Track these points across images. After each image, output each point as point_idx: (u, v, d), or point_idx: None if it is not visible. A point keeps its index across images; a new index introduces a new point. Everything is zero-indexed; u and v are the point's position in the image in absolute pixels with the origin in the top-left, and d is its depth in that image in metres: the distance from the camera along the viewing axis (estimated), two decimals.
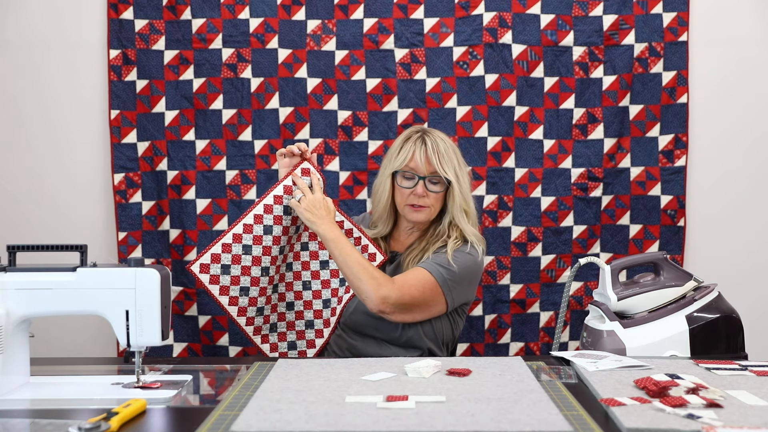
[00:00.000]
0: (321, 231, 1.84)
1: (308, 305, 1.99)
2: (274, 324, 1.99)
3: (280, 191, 1.89)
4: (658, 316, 1.74)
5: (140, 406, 1.26)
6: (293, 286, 2.00)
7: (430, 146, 1.92)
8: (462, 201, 1.93)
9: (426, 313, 1.88)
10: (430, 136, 1.94)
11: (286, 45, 2.53)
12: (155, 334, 1.44)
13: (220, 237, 1.88)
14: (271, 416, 1.18)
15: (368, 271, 1.81)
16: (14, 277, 1.42)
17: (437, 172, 1.90)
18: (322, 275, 1.98)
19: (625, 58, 2.54)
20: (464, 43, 2.54)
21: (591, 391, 1.37)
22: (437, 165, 1.90)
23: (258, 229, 1.86)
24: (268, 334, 1.98)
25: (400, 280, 1.84)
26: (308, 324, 1.99)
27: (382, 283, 1.80)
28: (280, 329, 2.00)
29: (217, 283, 1.88)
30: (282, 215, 1.88)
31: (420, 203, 1.92)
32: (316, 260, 1.99)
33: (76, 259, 1.48)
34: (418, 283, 1.84)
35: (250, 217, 1.87)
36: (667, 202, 2.55)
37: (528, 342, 2.58)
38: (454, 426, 1.12)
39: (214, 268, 1.87)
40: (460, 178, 1.93)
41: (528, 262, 2.57)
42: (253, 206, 1.88)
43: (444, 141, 1.95)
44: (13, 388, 1.42)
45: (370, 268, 1.82)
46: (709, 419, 1.14)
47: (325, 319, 1.98)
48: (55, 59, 2.56)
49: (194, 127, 2.54)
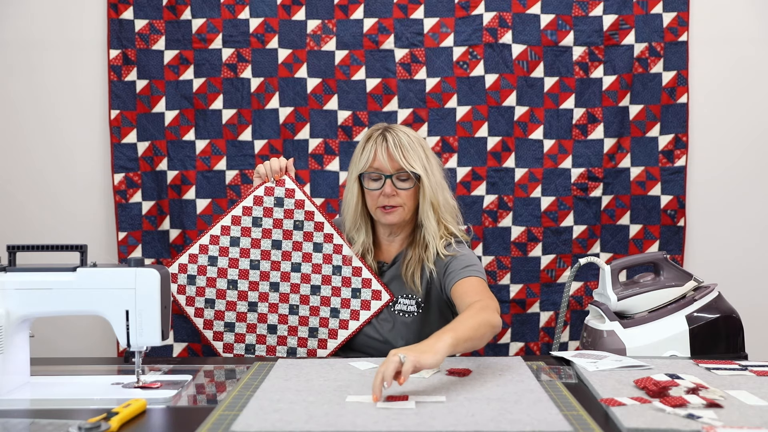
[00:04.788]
0: (443, 355, 1.38)
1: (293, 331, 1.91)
2: (250, 345, 1.90)
3: (250, 202, 1.86)
4: (658, 316, 1.74)
5: (140, 406, 1.26)
6: (277, 308, 1.91)
7: (392, 142, 1.81)
8: (432, 195, 1.83)
9: None
10: (392, 132, 1.84)
11: (286, 45, 2.53)
12: (155, 334, 1.44)
13: (187, 247, 1.85)
14: (271, 416, 1.18)
15: (481, 324, 1.53)
16: (14, 277, 1.42)
17: (403, 167, 1.80)
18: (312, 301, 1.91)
19: (625, 58, 2.54)
20: (464, 43, 2.54)
21: (591, 391, 1.37)
22: (401, 160, 1.80)
23: (224, 241, 1.83)
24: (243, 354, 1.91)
25: (484, 295, 1.69)
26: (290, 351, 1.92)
27: (491, 321, 1.56)
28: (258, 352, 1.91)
29: (183, 294, 1.85)
30: (251, 227, 1.85)
31: (391, 203, 1.83)
32: (307, 284, 1.91)
33: (76, 259, 1.48)
34: (485, 290, 1.74)
35: (217, 228, 1.85)
36: (667, 202, 2.55)
37: (528, 342, 2.58)
38: (454, 426, 1.12)
39: (180, 278, 1.84)
40: (429, 171, 1.83)
41: (528, 262, 2.57)
42: (220, 218, 1.86)
43: (407, 134, 1.84)
44: (13, 388, 1.42)
45: (475, 323, 1.52)
46: (709, 419, 1.14)
47: (310, 349, 1.91)
48: (55, 59, 2.57)
49: (194, 127, 2.54)
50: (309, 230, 1.92)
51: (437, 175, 1.87)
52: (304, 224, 1.91)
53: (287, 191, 1.88)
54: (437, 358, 1.34)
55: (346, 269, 1.91)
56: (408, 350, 1.33)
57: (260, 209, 1.85)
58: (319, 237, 1.92)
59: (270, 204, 1.87)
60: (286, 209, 1.90)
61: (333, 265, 1.92)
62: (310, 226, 1.92)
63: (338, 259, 1.92)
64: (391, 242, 1.96)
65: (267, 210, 1.86)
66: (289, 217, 1.91)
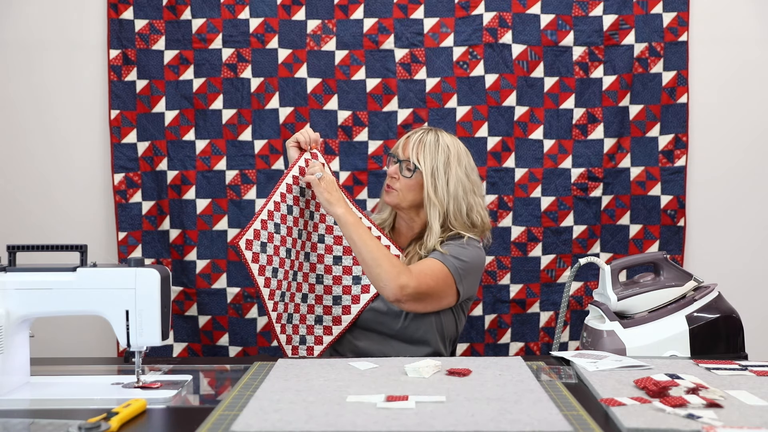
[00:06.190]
0: (340, 213, 1.83)
1: (319, 300, 1.97)
2: (290, 315, 1.96)
3: (296, 172, 1.89)
4: (658, 316, 1.74)
5: (140, 406, 1.26)
6: (308, 278, 1.98)
7: (417, 136, 1.92)
8: (433, 196, 1.88)
9: (437, 304, 1.87)
10: (428, 131, 1.93)
11: (286, 45, 2.53)
12: (155, 334, 1.44)
13: (258, 213, 1.82)
14: (271, 416, 1.18)
15: (388, 257, 1.81)
16: (14, 277, 1.42)
17: (409, 158, 1.90)
18: (335, 271, 1.97)
19: (625, 58, 2.54)
20: (464, 43, 2.54)
21: (591, 391, 1.37)
22: (411, 151, 1.89)
23: (284, 208, 1.85)
24: (285, 324, 1.94)
25: (417, 269, 1.83)
26: (317, 320, 1.98)
27: (401, 271, 1.79)
28: (294, 321, 1.97)
29: (257, 262, 1.81)
30: (299, 196, 1.88)
31: (390, 184, 1.93)
32: (330, 254, 1.97)
33: (76, 259, 1.48)
34: (432, 273, 1.83)
35: (277, 194, 1.85)
36: (667, 202, 2.55)
37: (528, 342, 2.58)
38: (454, 426, 1.12)
39: (255, 245, 1.81)
40: (438, 174, 1.88)
41: (528, 262, 2.57)
42: (279, 184, 1.86)
43: (440, 137, 1.91)
44: (13, 388, 1.41)
45: (389, 254, 1.82)
46: (709, 419, 1.14)
47: (335, 316, 1.97)
48: (55, 59, 2.57)
49: (194, 127, 2.54)
50: None
51: (451, 184, 1.89)
52: None
53: (320, 165, 1.91)
54: (329, 205, 1.83)
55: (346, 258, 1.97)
56: (328, 180, 1.85)
57: (303, 180, 1.88)
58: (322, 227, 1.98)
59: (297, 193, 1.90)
60: None
61: (334, 255, 1.98)
62: None
63: (339, 249, 1.98)
64: (409, 230, 2.01)
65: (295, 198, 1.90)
66: None
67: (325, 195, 1.84)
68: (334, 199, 1.84)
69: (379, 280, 1.80)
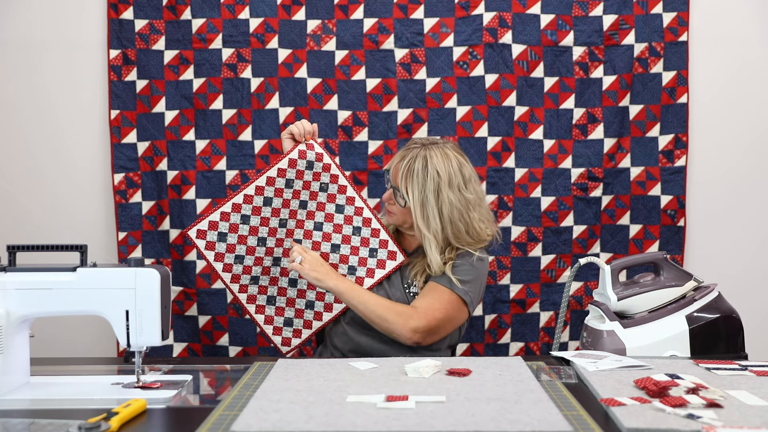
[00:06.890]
0: (332, 285, 1.85)
1: (311, 285, 1.97)
2: (272, 297, 1.98)
3: (285, 164, 1.89)
4: (658, 316, 1.74)
5: (140, 406, 1.26)
6: None
7: (406, 164, 1.86)
8: (424, 226, 1.84)
9: (452, 327, 1.90)
10: (422, 151, 1.86)
11: (286, 45, 2.53)
12: (155, 334, 1.44)
13: (219, 205, 1.87)
14: (271, 416, 1.18)
15: (391, 309, 1.83)
16: (14, 277, 1.42)
17: (400, 188, 1.88)
18: (332, 258, 1.96)
19: (625, 58, 2.54)
20: (464, 43, 2.54)
21: (591, 391, 1.37)
22: (400, 182, 1.87)
23: (258, 200, 1.87)
24: (264, 305, 1.97)
25: (423, 306, 1.84)
26: (308, 304, 1.99)
27: (409, 315, 1.81)
28: (279, 303, 1.98)
29: (212, 250, 1.88)
30: (284, 188, 1.88)
31: (388, 208, 1.96)
32: (327, 242, 1.97)
33: (76, 259, 1.48)
34: (441, 305, 1.84)
35: (251, 188, 1.87)
36: (667, 202, 2.55)
37: (528, 342, 2.58)
38: (454, 426, 1.12)
39: (210, 235, 1.87)
40: (428, 204, 1.83)
41: (528, 262, 2.57)
42: (255, 178, 1.87)
43: (428, 162, 1.83)
44: (13, 388, 1.42)
45: (391, 305, 1.84)
46: (709, 419, 1.14)
47: (327, 303, 1.98)
48: (55, 59, 2.57)
49: (194, 127, 2.54)
50: (332, 192, 1.97)
51: (444, 210, 1.84)
52: (329, 186, 1.96)
53: (317, 155, 1.91)
54: (319, 282, 1.84)
55: (365, 230, 1.98)
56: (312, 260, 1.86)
57: (293, 171, 1.90)
58: (342, 199, 1.98)
59: (302, 167, 1.90)
60: (315, 172, 1.93)
61: (353, 226, 1.98)
62: (334, 189, 1.97)
63: (358, 220, 1.98)
64: (413, 236, 1.99)
65: (299, 172, 1.90)
66: (317, 179, 1.94)
67: (313, 275, 1.84)
68: (322, 275, 1.85)
69: (391, 333, 1.83)
